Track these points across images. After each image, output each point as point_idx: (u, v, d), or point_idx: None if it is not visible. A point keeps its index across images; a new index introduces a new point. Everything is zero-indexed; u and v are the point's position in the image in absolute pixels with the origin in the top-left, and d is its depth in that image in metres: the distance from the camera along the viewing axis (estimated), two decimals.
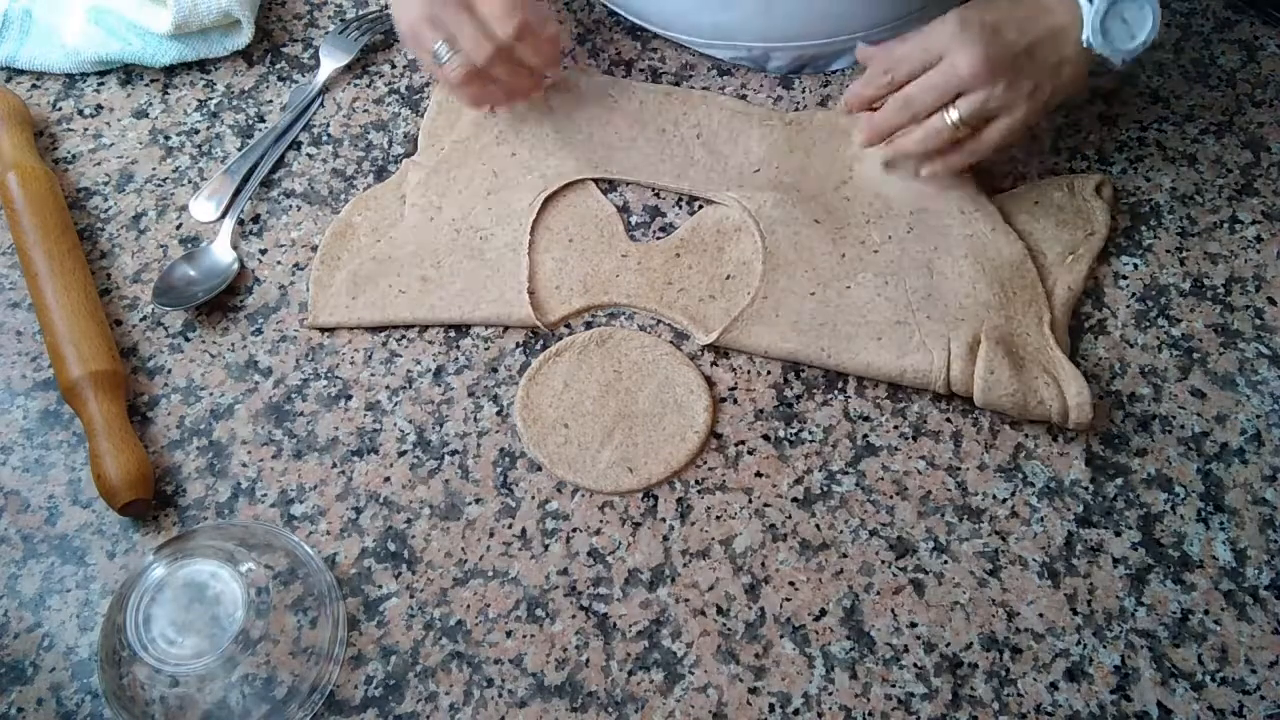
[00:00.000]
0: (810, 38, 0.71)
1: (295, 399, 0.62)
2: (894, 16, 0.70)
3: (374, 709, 0.53)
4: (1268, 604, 0.55)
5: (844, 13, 0.69)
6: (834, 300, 0.62)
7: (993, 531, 0.57)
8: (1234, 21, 0.75)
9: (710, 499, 0.58)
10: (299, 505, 0.59)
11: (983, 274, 0.63)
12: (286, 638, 0.52)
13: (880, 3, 0.69)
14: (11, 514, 0.59)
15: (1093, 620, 0.55)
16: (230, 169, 0.70)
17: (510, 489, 0.59)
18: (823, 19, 0.70)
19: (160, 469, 0.60)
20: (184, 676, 0.50)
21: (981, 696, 0.53)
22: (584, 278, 0.65)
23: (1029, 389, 0.58)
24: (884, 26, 0.71)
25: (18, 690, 0.54)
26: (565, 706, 0.53)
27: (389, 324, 0.64)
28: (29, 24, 0.74)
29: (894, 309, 0.62)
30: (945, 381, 0.60)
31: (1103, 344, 0.63)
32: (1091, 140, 0.70)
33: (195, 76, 0.74)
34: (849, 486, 0.59)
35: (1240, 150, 0.69)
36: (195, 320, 0.65)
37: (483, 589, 0.56)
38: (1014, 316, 0.62)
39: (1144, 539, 0.57)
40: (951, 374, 0.60)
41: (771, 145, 0.69)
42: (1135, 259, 0.66)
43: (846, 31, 0.70)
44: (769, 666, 0.54)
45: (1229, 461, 0.59)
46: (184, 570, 0.51)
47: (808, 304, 0.62)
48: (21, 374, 0.63)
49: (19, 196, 0.65)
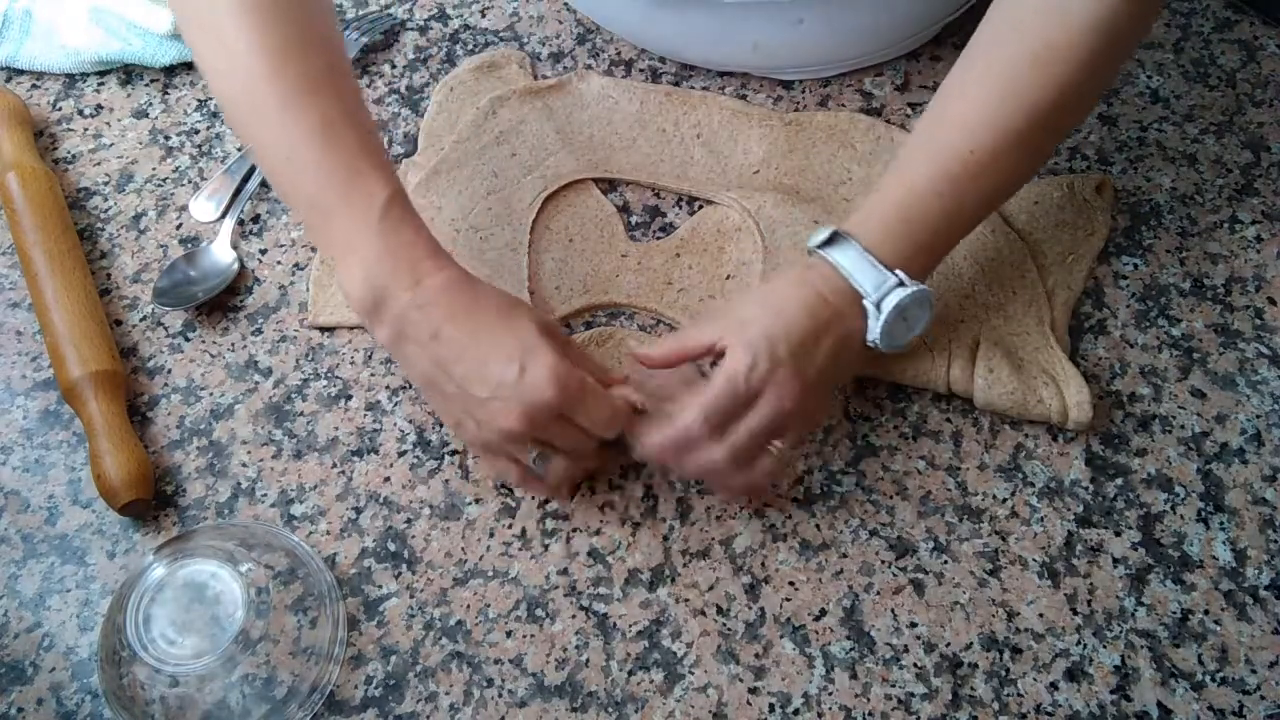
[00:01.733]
0: (834, 63, 0.72)
1: (295, 399, 0.62)
2: (916, 29, 0.71)
3: (374, 709, 0.53)
4: (1268, 604, 0.55)
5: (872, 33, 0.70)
6: None
7: (993, 531, 0.57)
8: (1234, 21, 0.75)
9: (710, 499, 0.58)
10: (299, 505, 0.59)
11: (982, 274, 0.63)
12: (286, 638, 0.53)
13: (905, 19, 0.69)
14: (11, 514, 0.59)
15: (1093, 620, 0.55)
16: (230, 169, 0.70)
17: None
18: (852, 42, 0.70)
19: (160, 469, 0.60)
20: (184, 676, 0.50)
21: (981, 696, 0.53)
22: (584, 278, 0.65)
23: (1029, 389, 0.58)
24: (907, 40, 0.71)
25: (18, 690, 0.54)
26: (565, 706, 0.53)
27: None
28: (29, 24, 0.74)
29: None
30: (945, 381, 0.60)
31: (1103, 344, 0.63)
32: (1091, 140, 0.70)
33: (195, 76, 0.74)
34: (849, 486, 0.59)
35: (1240, 150, 0.69)
36: (195, 320, 0.65)
37: (483, 589, 0.56)
38: (1014, 316, 0.62)
39: (1144, 539, 0.57)
40: (951, 374, 0.59)
41: (771, 145, 0.69)
42: (1135, 259, 0.66)
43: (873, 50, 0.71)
44: (769, 666, 0.54)
45: (1229, 461, 0.59)
46: (184, 570, 0.51)
47: None
48: (21, 374, 0.63)
49: (19, 196, 0.65)
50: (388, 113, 0.73)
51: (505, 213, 0.67)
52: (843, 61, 0.72)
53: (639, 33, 0.73)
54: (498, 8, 0.77)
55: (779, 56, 0.71)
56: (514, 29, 0.76)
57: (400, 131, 0.72)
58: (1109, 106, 0.71)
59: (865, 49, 0.71)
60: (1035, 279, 0.63)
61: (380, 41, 0.76)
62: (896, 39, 0.71)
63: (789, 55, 0.71)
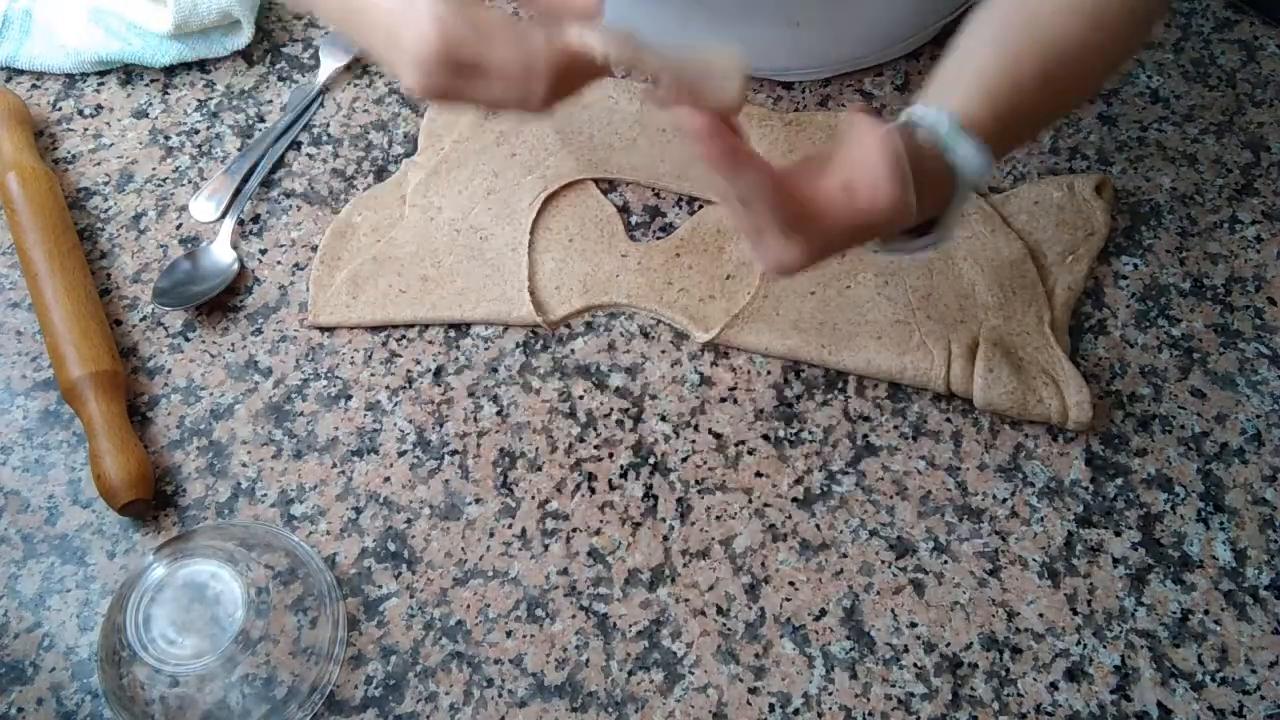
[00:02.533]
0: (833, 64, 0.71)
1: (295, 399, 0.62)
2: (915, 30, 0.71)
3: (374, 709, 0.53)
4: (1268, 604, 0.55)
5: (869, 35, 0.70)
6: (834, 299, 0.63)
7: (993, 531, 0.57)
8: (1234, 21, 0.75)
9: (710, 499, 0.58)
10: (299, 505, 0.59)
11: (982, 274, 0.63)
12: (286, 638, 0.52)
13: (903, 20, 0.69)
14: (11, 514, 0.59)
15: (1093, 620, 0.55)
16: (230, 169, 0.70)
17: (510, 489, 0.59)
18: (850, 43, 0.70)
19: (160, 469, 0.60)
20: (184, 676, 0.50)
21: (981, 696, 0.53)
22: (584, 277, 0.65)
23: (1028, 389, 0.58)
24: (907, 40, 0.71)
25: (18, 690, 0.54)
26: (565, 706, 0.53)
27: (389, 323, 0.64)
28: (29, 24, 0.74)
29: (894, 308, 0.62)
30: (945, 381, 0.60)
31: (1103, 344, 0.63)
32: (1091, 140, 0.70)
33: (195, 76, 0.74)
34: (849, 486, 0.59)
35: (1240, 150, 0.69)
36: (195, 320, 0.65)
37: (483, 589, 0.56)
38: (1014, 316, 0.62)
39: (1144, 539, 0.57)
40: (951, 374, 0.59)
41: (771, 145, 0.69)
42: (1135, 259, 0.66)
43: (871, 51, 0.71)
44: (769, 666, 0.54)
45: (1229, 461, 0.59)
46: (184, 570, 0.51)
47: (807, 303, 0.62)
48: (21, 374, 0.63)
49: (19, 196, 0.65)
50: (388, 113, 0.73)
51: (505, 213, 0.67)
52: (842, 62, 0.72)
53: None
54: (497, 8, 0.77)
55: (777, 57, 0.71)
56: None
57: (400, 131, 0.72)
58: (1109, 106, 0.71)
59: (865, 49, 0.71)
60: (1035, 279, 0.63)
61: None
62: (896, 39, 0.71)
63: (787, 56, 0.71)
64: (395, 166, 0.70)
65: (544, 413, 0.61)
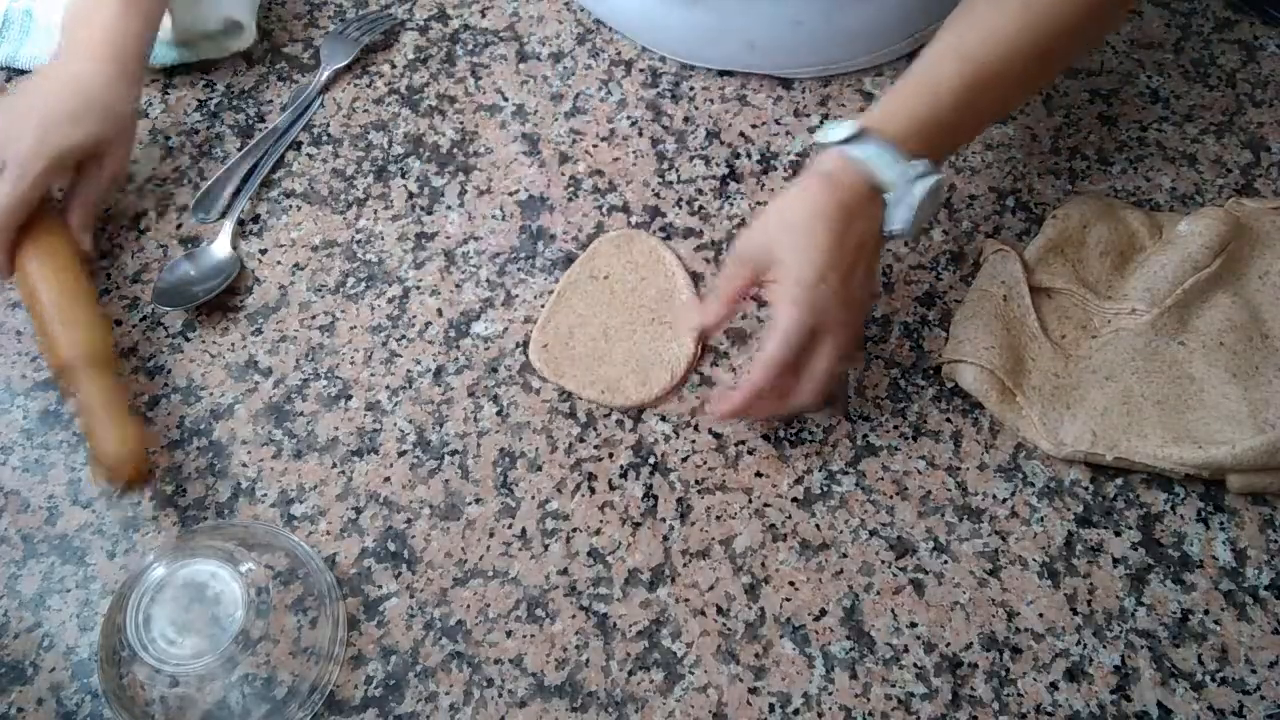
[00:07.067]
0: (834, 61, 0.71)
1: (295, 399, 0.62)
2: (915, 29, 0.71)
3: (374, 709, 0.53)
4: (1268, 604, 0.55)
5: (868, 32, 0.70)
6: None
7: (993, 531, 0.57)
8: (1234, 21, 0.75)
9: (710, 499, 0.58)
10: (299, 505, 0.59)
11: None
12: (286, 638, 0.52)
13: (903, 20, 0.69)
14: (11, 514, 0.59)
15: (1093, 620, 0.55)
16: (230, 169, 0.70)
17: (510, 489, 0.59)
18: (850, 43, 0.70)
19: (160, 469, 0.60)
20: (184, 676, 0.50)
21: (981, 696, 0.53)
22: None
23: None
24: (907, 40, 0.71)
25: (18, 690, 0.54)
26: (565, 706, 0.53)
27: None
28: (29, 24, 0.74)
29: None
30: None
31: None
32: (1091, 140, 0.70)
33: (195, 76, 0.74)
34: (849, 486, 0.59)
35: (1240, 150, 0.69)
36: (195, 320, 0.65)
37: (483, 589, 0.56)
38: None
39: (1144, 539, 0.57)
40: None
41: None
42: None
43: (870, 50, 0.71)
44: (769, 666, 0.54)
45: None
46: (184, 570, 0.51)
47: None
48: (21, 374, 0.63)
49: None
50: (388, 113, 0.73)
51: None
52: (842, 62, 0.72)
53: (639, 28, 0.73)
54: (498, 8, 0.77)
55: (777, 56, 0.71)
56: (514, 29, 0.76)
57: (400, 131, 0.72)
58: (1109, 106, 0.71)
59: (865, 49, 0.71)
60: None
61: (380, 41, 0.76)
62: (896, 39, 0.71)
63: (787, 56, 0.71)
64: (395, 166, 0.70)
65: (544, 413, 0.61)
